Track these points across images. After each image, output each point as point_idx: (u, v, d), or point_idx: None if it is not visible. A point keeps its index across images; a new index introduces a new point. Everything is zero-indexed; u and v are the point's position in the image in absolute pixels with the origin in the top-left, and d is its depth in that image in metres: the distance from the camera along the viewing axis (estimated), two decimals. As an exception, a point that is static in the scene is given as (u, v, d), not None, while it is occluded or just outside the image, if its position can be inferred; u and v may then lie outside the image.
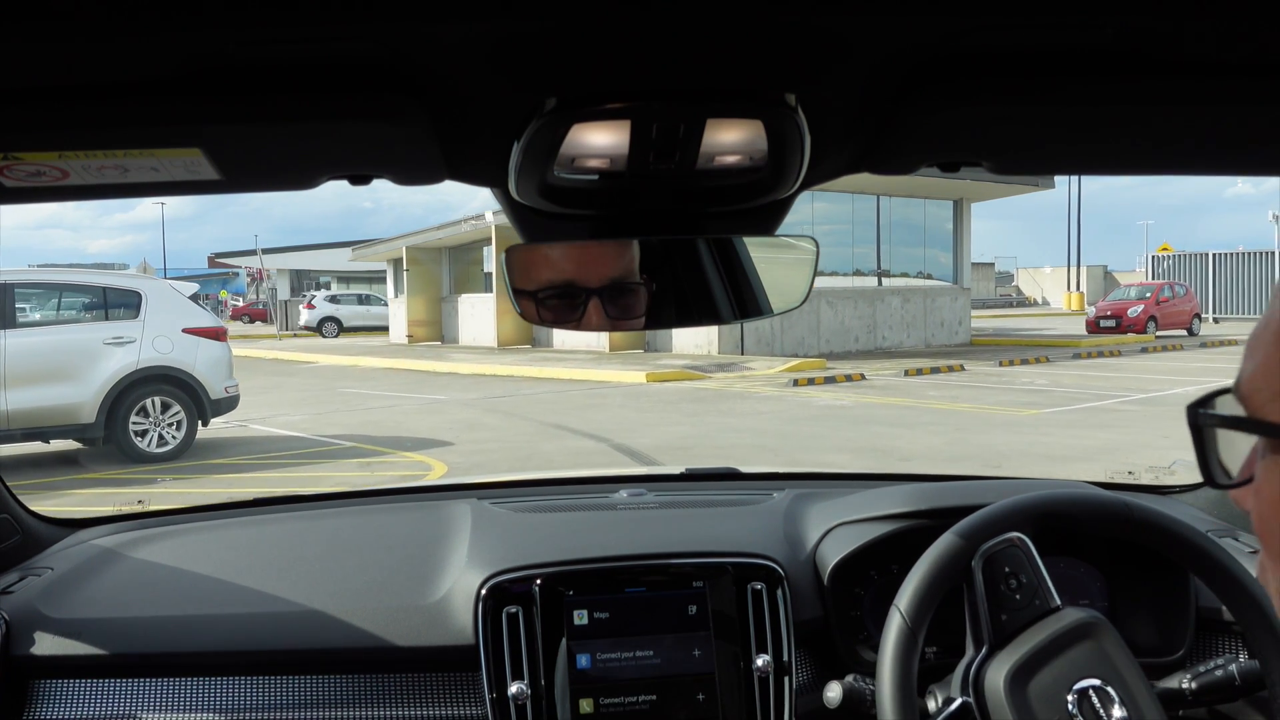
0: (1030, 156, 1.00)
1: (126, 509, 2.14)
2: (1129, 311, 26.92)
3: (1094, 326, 27.27)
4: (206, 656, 1.50)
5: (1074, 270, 52.06)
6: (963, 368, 17.92)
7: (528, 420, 12.26)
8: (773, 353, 21.05)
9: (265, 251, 42.25)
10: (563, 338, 24.12)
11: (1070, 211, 73.66)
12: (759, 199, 0.97)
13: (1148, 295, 27.70)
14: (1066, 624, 1.26)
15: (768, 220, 1.04)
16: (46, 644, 1.47)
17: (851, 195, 22.63)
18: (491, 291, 24.96)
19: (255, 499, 1.99)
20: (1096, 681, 1.22)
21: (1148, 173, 0.99)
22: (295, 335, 36.95)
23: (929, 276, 24.19)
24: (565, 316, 1.04)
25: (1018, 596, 1.29)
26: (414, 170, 0.92)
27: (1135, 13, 0.67)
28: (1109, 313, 27.34)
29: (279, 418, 12.97)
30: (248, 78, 0.71)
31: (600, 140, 0.82)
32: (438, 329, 28.11)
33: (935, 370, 17.51)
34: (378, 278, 34.00)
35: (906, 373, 17.06)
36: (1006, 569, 1.29)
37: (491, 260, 24.89)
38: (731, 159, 0.87)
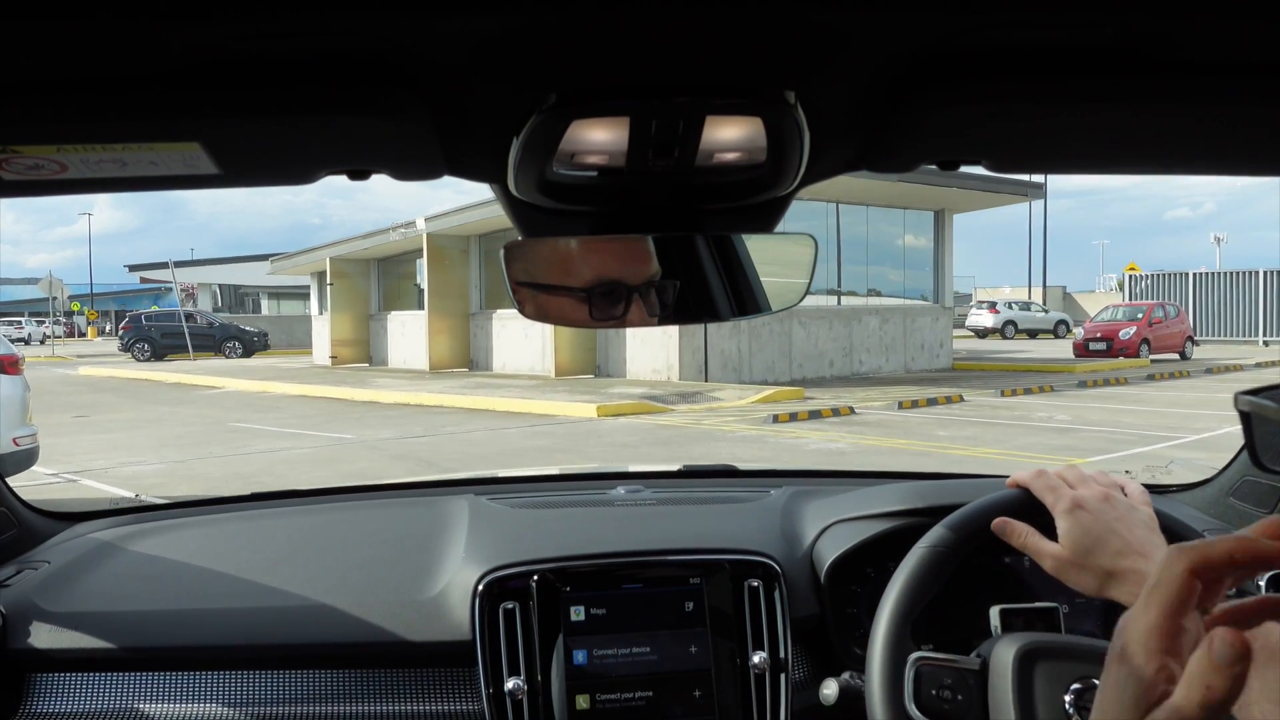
0: (1029, 156, 0.98)
1: (124, 503, 1.90)
2: (1120, 334, 24.85)
3: (1082, 349, 25.18)
4: (203, 651, 1.47)
5: (1041, 291, 50.61)
6: (962, 399, 15.58)
7: (444, 473, 9.61)
8: (740, 379, 18.61)
9: (180, 264, 38.93)
10: (503, 360, 21.50)
11: (1031, 230, 72.68)
12: (758, 196, 0.96)
13: (1139, 316, 25.67)
14: (1011, 667, 1.17)
15: (766, 218, 1.02)
16: (43, 637, 1.46)
17: (825, 205, 20.34)
18: (425, 308, 22.23)
19: (253, 493, 1.96)
20: (1079, 685, 1.16)
21: (1148, 172, 0.98)
22: (219, 354, 34.05)
23: (878, 294, 21.83)
24: (609, 314, 1.02)
25: (959, 696, 1.18)
26: (412, 165, 0.91)
27: (1135, 12, 0.66)
28: (1099, 335, 25.26)
29: (128, 467, 10.20)
30: (247, 71, 0.70)
31: (599, 136, 0.81)
32: (365, 349, 25.27)
33: (932, 402, 15.13)
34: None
35: (901, 405, 14.66)
36: (934, 691, 1.19)
37: (425, 274, 22.22)
38: (730, 156, 0.86)
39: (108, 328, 72.55)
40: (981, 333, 38.86)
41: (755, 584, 1.51)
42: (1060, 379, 19.04)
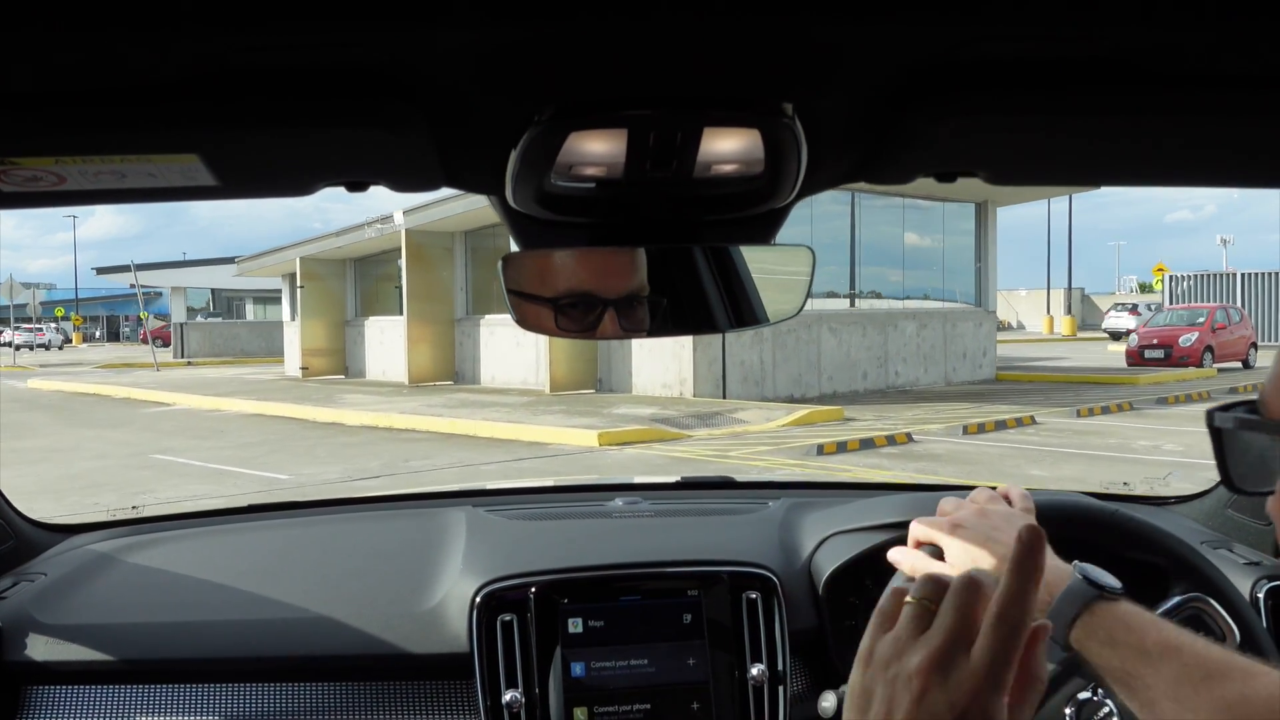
0: (1027, 168, 0.99)
1: (121, 514, 2.00)
2: (1180, 340, 22.29)
3: (1137, 357, 22.63)
4: (200, 663, 1.47)
5: (1065, 293, 48.31)
6: (1033, 420, 13.06)
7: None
8: (763, 394, 16.09)
9: (143, 267, 36.38)
10: (492, 372, 18.96)
11: (1051, 231, 70.44)
12: (756, 208, 0.95)
13: (1200, 321, 23.10)
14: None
15: (764, 229, 1.02)
16: (40, 650, 1.45)
17: (853, 195, 17.87)
18: (404, 314, 19.66)
19: (250, 505, 1.95)
20: (1085, 695, 1.19)
21: (1145, 184, 0.98)
22: (191, 364, 31.61)
23: (877, 295, 19.26)
24: (581, 324, 1.01)
25: None
26: (411, 177, 0.91)
27: (1132, 24, 0.66)
28: (1155, 341, 22.70)
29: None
30: (246, 83, 0.70)
31: (597, 148, 0.81)
32: (340, 359, 22.67)
33: (1000, 425, 12.61)
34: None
35: (966, 430, 12.12)
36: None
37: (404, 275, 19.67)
38: (728, 168, 0.86)
39: (97, 333, 70.10)
40: (1118, 335, 35.97)
41: (753, 596, 1.50)
42: (1131, 394, 16.51)
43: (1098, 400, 15.06)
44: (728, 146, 0.81)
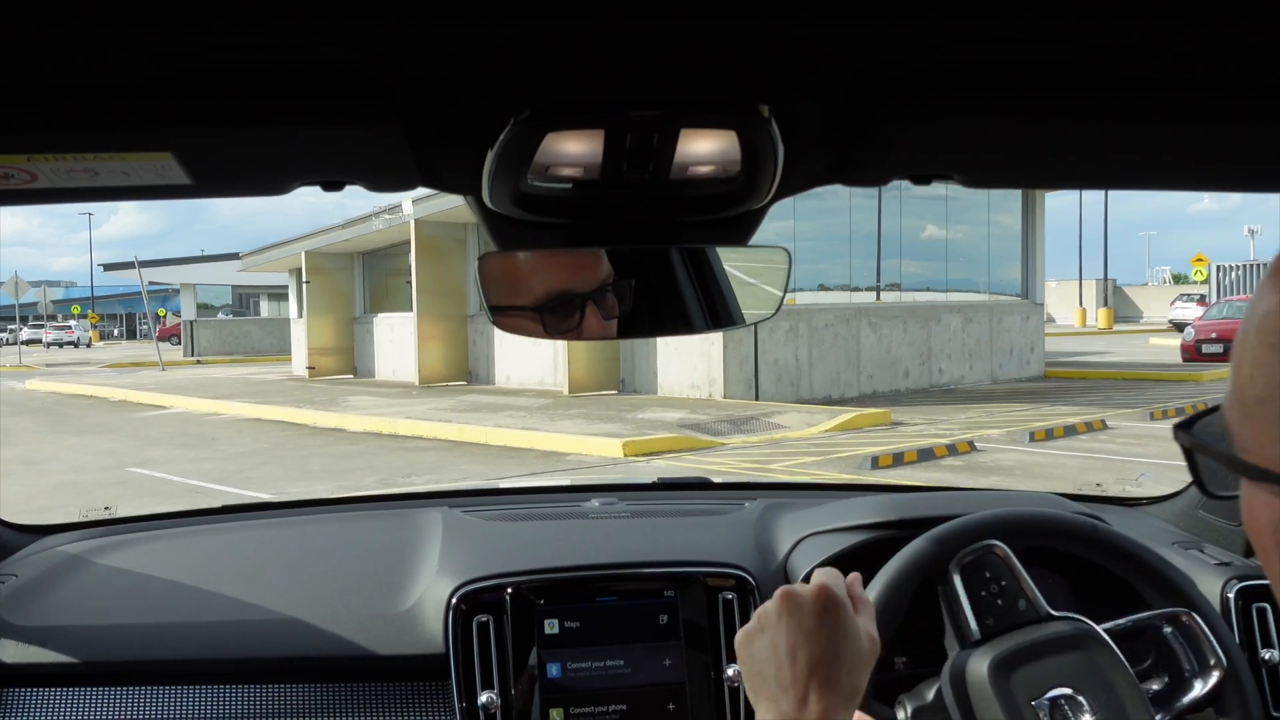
0: (1002, 171, 0.98)
1: (94, 515, 1.86)
2: (1241, 334, 20.90)
3: (1194, 352, 21.19)
4: (174, 665, 1.46)
5: (1104, 284, 46.83)
6: (1104, 424, 11.78)
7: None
8: (799, 395, 14.86)
9: (147, 264, 35.41)
10: (507, 372, 17.81)
11: (1082, 221, 68.92)
12: (732, 209, 0.97)
13: (1262, 312, 21.67)
14: (1055, 632, 1.21)
15: (741, 230, 1.03)
16: (11, 652, 1.43)
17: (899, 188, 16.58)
18: (414, 310, 18.49)
19: (225, 505, 1.91)
20: (1069, 690, 1.16)
21: (1119, 187, 0.98)
22: (200, 362, 30.68)
23: (897, 287, 17.90)
24: (565, 325, 1.03)
25: (999, 601, 1.25)
26: (387, 177, 0.91)
27: (1104, 29, 0.67)
28: (1214, 335, 21.23)
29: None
30: (221, 81, 0.70)
31: (574, 149, 0.81)
32: (349, 358, 21.55)
33: (1070, 430, 11.33)
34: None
35: (1033, 436, 10.87)
36: (986, 574, 1.25)
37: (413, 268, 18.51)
38: (705, 169, 0.86)
39: (115, 331, 69.35)
40: (1183, 327, 34.40)
41: (729, 597, 1.50)
42: (1199, 392, 15.20)
43: (1163, 400, 13.77)
44: (705, 148, 0.81)
